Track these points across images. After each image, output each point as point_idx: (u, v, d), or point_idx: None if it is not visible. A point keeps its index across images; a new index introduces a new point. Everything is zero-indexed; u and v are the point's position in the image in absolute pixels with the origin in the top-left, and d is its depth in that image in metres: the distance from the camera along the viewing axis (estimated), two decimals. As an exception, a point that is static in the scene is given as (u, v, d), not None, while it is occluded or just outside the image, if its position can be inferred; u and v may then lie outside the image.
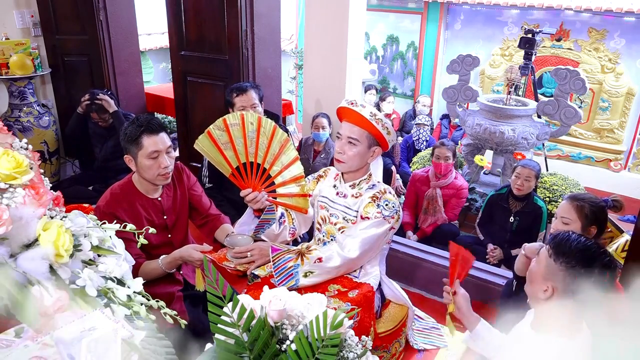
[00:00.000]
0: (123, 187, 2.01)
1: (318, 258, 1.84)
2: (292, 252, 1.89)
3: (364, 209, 1.88)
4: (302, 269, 1.84)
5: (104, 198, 1.99)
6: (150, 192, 2.04)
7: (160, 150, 1.92)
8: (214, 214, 2.29)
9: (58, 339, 0.82)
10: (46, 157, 4.02)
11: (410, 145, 4.95)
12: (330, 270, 1.86)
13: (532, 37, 4.03)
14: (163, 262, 1.95)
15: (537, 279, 1.34)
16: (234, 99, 2.77)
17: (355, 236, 1.86)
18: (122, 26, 4.01)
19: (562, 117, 3.77)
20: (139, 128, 1.90)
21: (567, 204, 1.98)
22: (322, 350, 0.88)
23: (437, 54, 6.56)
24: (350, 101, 1.86)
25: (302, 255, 1.86)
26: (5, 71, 3.70)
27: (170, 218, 2.10)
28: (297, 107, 6.54)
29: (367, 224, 1.86)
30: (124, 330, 0.88)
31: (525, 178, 3.11)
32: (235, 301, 0.94)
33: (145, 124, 1.91)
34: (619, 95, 5.50)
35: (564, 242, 1.30)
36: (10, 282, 0.83)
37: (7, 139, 0.96)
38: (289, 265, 1.85)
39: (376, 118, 1.83)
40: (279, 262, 1.86)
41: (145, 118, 1.95)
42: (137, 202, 1.99)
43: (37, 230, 0.90)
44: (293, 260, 1.86)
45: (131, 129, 1.92)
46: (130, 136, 1.92)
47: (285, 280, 1.83)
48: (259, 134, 1.95)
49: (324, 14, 3.42)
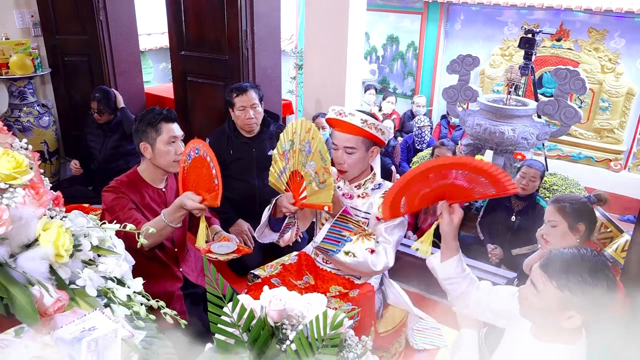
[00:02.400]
0: (129, 176, 2.07)
1: (370, 249, 1.79)
2: (356, 226, 1.83)
3: (378, 210, 1.86)
4: (350, 246, 1.78)
5: (111, 183, 2.04)
6: (156, 182, 2.09)
7: (177, 137, 2.03)
8: (205, 215, 2.31)
9: (58, 339, 0.82)
10: (46, 157, 4.03)
11: (410, 145, 4.95)
12: (368, 267, 1.79)
13: (532, 37, 4.02)
14: (166, 215, 1.86)
15: (550, 313, 1.23)
16: (234, 99, 2.76)
17: (388, 241, 1.83)
18: (122, 26, 4.01)
19: (562, 117, 3.76)
20: (159, 115, 2.01)
21: (550, 207, 1.99)
22: (322, 350, 0.88)
23: (437, 54, 6.56)
24: (338, 111, 1.82)
25: (362, 235, 1.81)
26: (5, 71, 3.70)
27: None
28: (297, 107, 6.54)
29: (391, 225, 1.84)
30: (124, 330, 0.88)
31: (530, 178, 3.11)
32: (235, 301, 0.94)
33: (164, 112, 2.03)
34: (619, 95, 5.50)
35: (558, 261, 1.22)
36: (10, 282, 0.84)
37: (7, 139, 0.96)
38: (344, 233, 1.80)
39: (368, 124, 1.79)
40: (341, 224, 1.81)
41: (163, 108, 2.07)
42: (143, 190, 2.05)
43: (37, 230, 0.89)
44: (351, 233, 1.81)
45: (151, 116, 2.01)
46: (150, 122, 2.00)
47: (331, 242, 1.79)
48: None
49: (324, 14, 3.43)
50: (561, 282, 1.19)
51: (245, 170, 2.89)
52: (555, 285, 1.20)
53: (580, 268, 1.18)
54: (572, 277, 1.18)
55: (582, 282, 1.17)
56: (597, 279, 1.17)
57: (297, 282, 2.02)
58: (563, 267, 1.20)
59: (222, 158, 2.86)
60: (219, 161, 2.85)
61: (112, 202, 1.94)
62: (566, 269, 1.19)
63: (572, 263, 1.20)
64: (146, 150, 2.01)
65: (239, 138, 2.89)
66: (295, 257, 2.13)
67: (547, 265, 1.23)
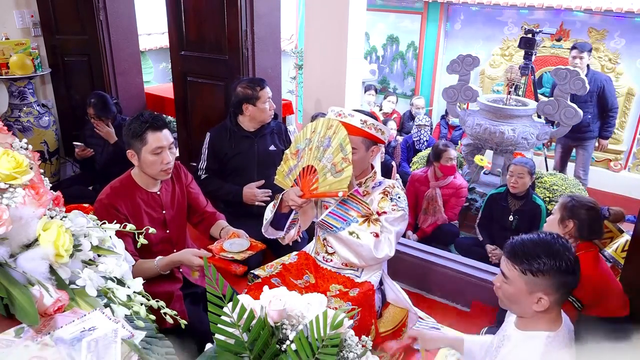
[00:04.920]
0: (123, 181, 2.04)
1: (375, 234, 1.80)
2: (365, 208, 1.85)
3: (378, 205, 1.89)
4: (355, 227, 1.80)
5: (104, 192, 2.01)
6: (149, 186, 2.06)
7: (164, 147, 1.95)
8: (209, 211, 2.32)
9: (58, 339, 0.82)
10: (46, 157, 4.02)
11: (410, 145, 4.95)
12: (369, 252, 1.80)
13: (532, 37, 4.02)
14: (159, 264, 1.95)
15: (520, 298, 1.32)
16: (259, 93, 2.78)
17: (390, 231, 1.85)
18: (122, 26, 4.01)
19: (562, 117, 3.76)
20: (144, 124, 1.92)
21: (561, 198, 2.15)
22: (322, 350, 0.88)
23: (437, 54, 6.56)
24: (337, 112, 1.83)
25: (368, 218, 1.83)
26: (5, 71, 3.70)
27: (168, 213, 2.12)
28: (297, 107, 6.54)
29: (392, 217, 1.85)
30: (124, 330, 0.88)
31: (518, 175, 3.12)
32: (235, 301, 0.94)
33: (150, 120, 1.93)
34: (619, 95, 5.50)
35: (519, 248, 1.30)
36: (10, 282, 0.84)
37: (7, 139, 0.96)
38: (351, 212, 1.81)
39: (367, 124, 1.80)
40: (349, 203, 1.82)
41: (150, 114, 1.97)
42: (137, 196, 2.02)
43: (37, 230, 0.89)
44: (359, 215, 1.82)
45: (136, 125, 1.93)
46: (134, 132, 1.93)
47: (336, 218, 1.80)
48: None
49: (324, 14, 3.42)
50: (524, 267, 1.28)
51: (246, 165, 2.92)
52: (519, 269, 1.29)
53: (539, 251, 1.27)
54: (533, 260, 1.27)
55: (542, 265, 1.26)
56: (556, 261, 1.25)
57: (297, 281, 2.02)
58: (524, 252, 1.29)
59: (224, 152, 2.88)
60: (220, 155, 2.88)
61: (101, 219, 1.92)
62: (527, 254, 1.28)
63: (531, 247, 1.29)
64: (133, 158, 1.98)
65: (241, 132, 2.91)
66: (295, 256, 2.14)
67: (509, 252, 1.32)
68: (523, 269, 1.28)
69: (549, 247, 1.27)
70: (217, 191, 2.86)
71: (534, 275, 1.27)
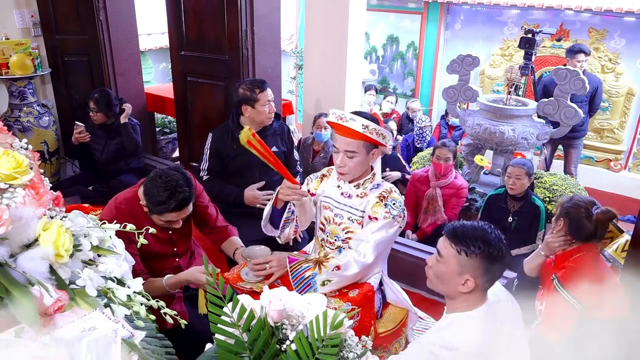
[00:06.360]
0: (129, 201, 2.01)
1: (336, 266, 1.84)
2: (309, 262, 1.89)
3: (371, 209, 1.88)
4: (320, 278, 1.84)
5: (109, 211, 1.98)
6: None
7: (178, 220, 1.98)
8: (221, 225, 2.32)
9: (58, 339, 0.82)
10: (46, 157, 4.02)
11: (410, 144, 4.95)
12: (349, 277, 1.86)
13: (532, 37, 4.02)
14: (167, 283, 1.96)
15: (449, 278, 1.43)
16: (259, 95, 2.76)
17: (368, 240, 1.85)
18: (122, 26, 4.01)
19: (562, 117, 3.76)
20: (170, 205, 1.89)
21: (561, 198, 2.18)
22: (322, 350, 0.88)
23: (437, 54, 6.55)
24: (339, 116, 1.81)
25: (319, 264, 1.87)
26: (5, 71, 3.70)
27: (175, 233, 2.11)
28: (297, 107, 6.54)
29: (378, 225, 1.85)
30: (124, 330, 0.88)
31: (516, 177, 3.11)
32: (235, 301, 0.94)
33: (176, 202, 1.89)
34: (619, 95, 5.50)
35: (460, 230, 1.41)
36: (10, 282, 0.83)
37: (7, 139, 0.96)
38: (306, 274, 1.86)
39: (369, 129, 1.78)
40: (296, 272, 1.87)
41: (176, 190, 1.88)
42: (142, 221, 1.95)
43: (37, 230, 0.89)
44: (311, 269, 1.86)
45: (159, 201, 1.89)
46: (156, 208, 1.91)
47: (304, 290, 1.84)
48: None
49: (324, 14, 3.43)
50: (460, 247, 1.39)
51: (248, 166, 2.91)
52: (455, 249, 1.40)
53: (477, 237, 1.39)
54: (470, 242, 1.38)
55: (476, 249, 1.37)
56: (489, 247, 1.37)
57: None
58: (463, 234, 1.41)
59: (225, 153, 2.87)
60: (221, 156, 2.88)
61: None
62: (465, 236, 1.40)
63: (470, 231, 1.41)
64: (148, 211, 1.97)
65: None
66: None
67: (450, 232, 1.44)
68: (459, 249, 1.39)
69: (485, 235, 1.39)
70: (218, 193, 2.86)
71: (467, 256, 1.38)
